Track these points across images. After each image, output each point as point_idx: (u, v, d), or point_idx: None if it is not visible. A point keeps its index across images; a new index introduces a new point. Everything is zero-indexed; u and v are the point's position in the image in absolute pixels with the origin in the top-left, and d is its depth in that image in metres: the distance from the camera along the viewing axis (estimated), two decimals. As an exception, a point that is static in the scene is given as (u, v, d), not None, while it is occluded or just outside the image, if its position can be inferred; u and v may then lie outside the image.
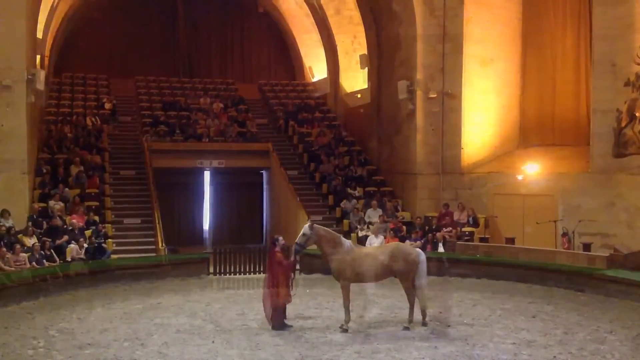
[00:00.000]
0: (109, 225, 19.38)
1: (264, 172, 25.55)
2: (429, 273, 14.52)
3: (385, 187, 22.97)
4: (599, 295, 14.78)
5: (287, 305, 11.71)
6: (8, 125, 18.20)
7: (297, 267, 12.20)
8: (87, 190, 20.26)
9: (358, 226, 20.58)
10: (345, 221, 21.20)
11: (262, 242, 25.07)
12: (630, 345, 10.52)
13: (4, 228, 16.73)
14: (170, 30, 31.15)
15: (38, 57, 22.18)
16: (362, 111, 26.12)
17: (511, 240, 18.52)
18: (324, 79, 29.63)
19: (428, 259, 17.67)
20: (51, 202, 18.94)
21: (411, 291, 11.70)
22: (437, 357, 9.83)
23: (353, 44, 27.76)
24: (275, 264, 11.67)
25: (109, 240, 18.47)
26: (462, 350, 10.17)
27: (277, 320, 11.51)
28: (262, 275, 17.87)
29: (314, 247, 11.91)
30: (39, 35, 22.48)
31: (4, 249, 15.75)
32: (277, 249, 11.85)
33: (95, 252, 17.38)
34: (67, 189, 19.88)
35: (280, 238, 12.12)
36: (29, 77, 18.55)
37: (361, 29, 25.67)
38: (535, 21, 21.74)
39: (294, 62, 32.68)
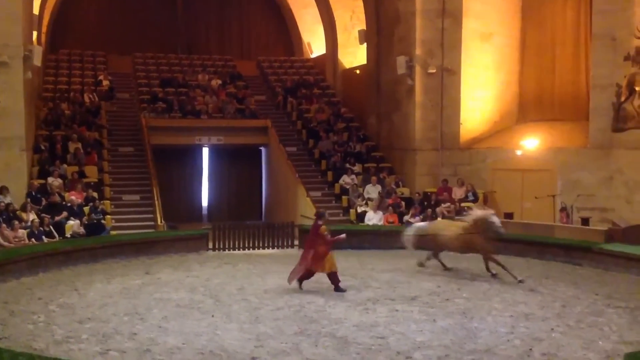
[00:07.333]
0: (108, 202, 19.38)
1: (262, 148, 25.51)
2: (420, 248, 14.77)
3: (384, 163, 22.95)
4: (597, 269, 14.86)
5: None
6: (5, 102, 18.13)
7: None
8: (85, 167, 20.25)
9: (357, 202, 20.59)
10: (344, 197, 21.23)
11: (261, 218, 25.12)
12: (627, 318, 10.56)
13: (2, 204, 16.74)
14: (169, 6, 30.85)
15: (35, 33, 22.02)
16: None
17: (510, 215, 18.55)
18: (323, 54, 29.48)
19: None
20: (50, 179, 18.93)
21: None
22: (435, 330, 9.86)
23: (352, 19, 27.59)
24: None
25: (108, 216, 18.48)
26: (460, 323, 10.21)
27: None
28: (261, 251, 18.08)
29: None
30: (36, 11, 22.30)
31: (4, 226, 15.81)
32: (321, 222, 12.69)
33: (93, 228, 17.42)
34: (65, 165, 19.87)
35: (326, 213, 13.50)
36: (26, 53, 18.43)
37: (360, 4, 25.49)
38: (535, -5, 21.60)
39: (292, 38, 32.46)
